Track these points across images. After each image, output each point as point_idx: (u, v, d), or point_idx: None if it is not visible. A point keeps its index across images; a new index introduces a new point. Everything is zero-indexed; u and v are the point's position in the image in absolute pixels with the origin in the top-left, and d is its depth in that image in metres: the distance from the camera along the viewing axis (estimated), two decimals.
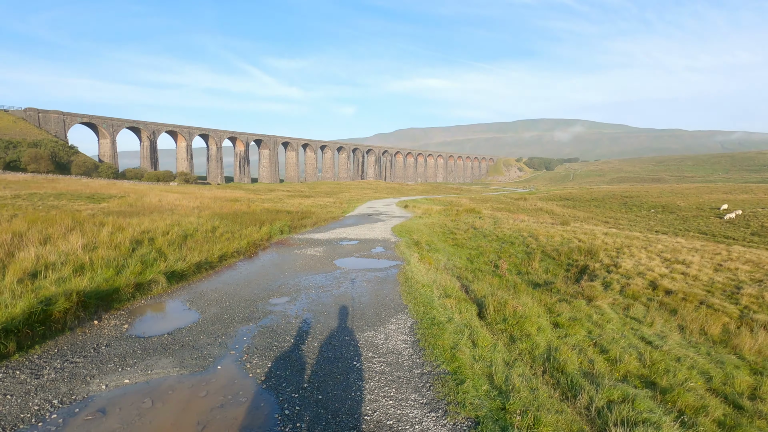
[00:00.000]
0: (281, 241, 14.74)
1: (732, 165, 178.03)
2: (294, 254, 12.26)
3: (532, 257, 15.87)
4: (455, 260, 15.34)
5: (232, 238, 12.93)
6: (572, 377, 5.50)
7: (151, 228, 13.18)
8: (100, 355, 4.91)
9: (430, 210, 31.46)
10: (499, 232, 19.91)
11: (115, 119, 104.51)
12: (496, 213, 31.08)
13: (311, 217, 20.34)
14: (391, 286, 8.81)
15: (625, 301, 10.68)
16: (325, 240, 15.16)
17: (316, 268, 10.33)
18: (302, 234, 16.73)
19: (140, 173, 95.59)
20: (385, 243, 14.79)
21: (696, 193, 65.06)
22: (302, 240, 15.09)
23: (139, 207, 23.24)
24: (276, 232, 15.72)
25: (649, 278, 12.04)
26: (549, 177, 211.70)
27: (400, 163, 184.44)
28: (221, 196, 41.56)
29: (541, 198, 73.59)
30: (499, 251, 17.03)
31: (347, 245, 14.13)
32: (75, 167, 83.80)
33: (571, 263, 15.03)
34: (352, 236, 16.42)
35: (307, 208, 31.36)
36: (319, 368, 4.68)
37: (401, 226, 20.09)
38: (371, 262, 11.50)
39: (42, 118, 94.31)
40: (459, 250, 17.18)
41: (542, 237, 18.54)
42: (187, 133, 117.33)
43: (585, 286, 11.38)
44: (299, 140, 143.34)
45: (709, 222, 40.46)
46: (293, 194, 67.69)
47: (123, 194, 38.84)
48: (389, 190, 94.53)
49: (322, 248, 13.30)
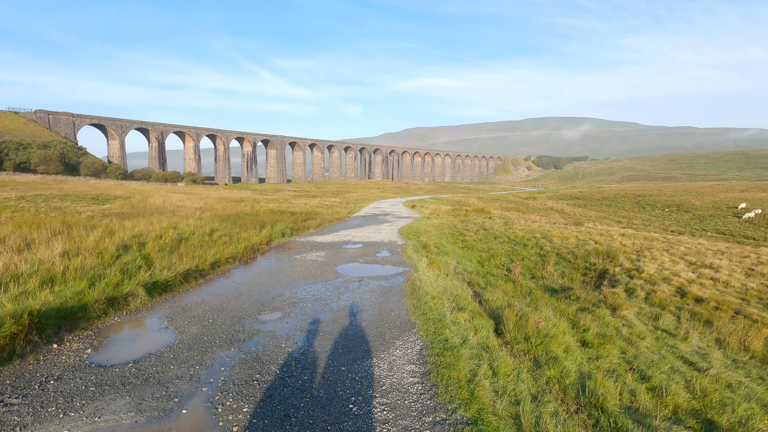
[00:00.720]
0: (282, 244, 13.93)
1: (746, 163, 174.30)
2: (294, 259, 11.40)
3: (546, 260, 14.87)
4: (465, 263, 14.41)
5: (229, 242, 12.12)
6: (614, 417, 4.56)
7: (145, 231, 12.42)
8: (44, 393, 4.06)
9: (438, 210, 30.49)
10: (510, 234, 18.91)
11: (124, 120, 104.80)
12: (506, 213, 30.01)
13: (315, 219, 19.50)
14: (397, 298, 7.90)
15: (652, 310, 9.66)
16: (328, 243, 14.32)
17: (315, 276, 9.44)
18: (305, 236, 15.90)
19: (148, 174, 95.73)
20: (391, 246, 13.92)
21: (711, 191, 63.23)
22: (304, 243, 14.24)
23: (141, 208, 22.59)
24: (277, 235, 14.91)
25: (676, 284, 11.00)
26: (558, 176, 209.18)
27: (408, 162, 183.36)
28: (227, 197, 40.97)
29: (551, 197, 72.17)
30: (511, 254, 16.05)
31: (351, 249, 13.26)
32: (84, 168, 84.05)
33: (588, 267, 14.01)
34: (357, 239, 15.56)
35: (312, 208, 30.58)
36: (306, 414, 3.79)
37: (408, 228, 19.18)
38: (376, 268, 10.60)
39: (52, 120, 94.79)
40: (469, 252, 16.23)
41: (556, 238, 17.51)
42: (194, 133, 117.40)
43: (607, 293, 10.38)
44: (306, 140, 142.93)
45: (727, 221, 38.95)
46: (300, 194, 67.09)
47: (128, 195, 38.41)
48: (396, 190, 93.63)
49: (324, 252, 12.44)
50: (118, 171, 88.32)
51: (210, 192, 53.18)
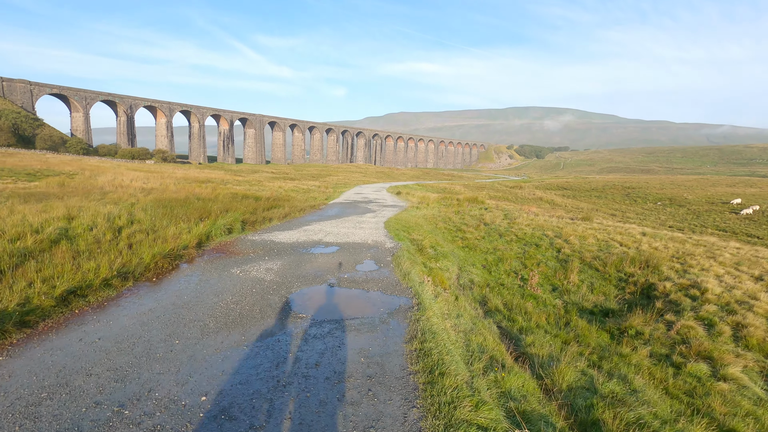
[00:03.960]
0: (223, 246, 10.26)
1: (720, 158, 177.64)
2: (227, 277, 7.69)
3: (567, 267, 12.10)
4: (470, 270, 11.48)
5: (143, 241, 8.74)
6: None
7: (34, 222, 8.98)
8: None
9: (426, 198, 27.50)
10: (516, 230, 16.08)
11: (89, 91, 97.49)
12: (501, 203, 27.26)
13: (283, 206, 16.10)
14: (397, 391, 4.11)
15: (753, 358, 6.81)
16: (290, 245, 10.73)
17: (247, 321, 5.71)
18: (261, 233, 12.23)
19: (114, 150, 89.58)
20: (377, 251, 10.45)
21: (699, 185, 62.31)
22: (257, 244, 10.61)
23: (73, 188, 18.78)
24: (219, 231, 11.28)
25: (763, 313, 8.30)
26: (540, 165, 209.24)
27: (391, 147, 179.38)
28: (192, 177, 36.99)
29: (538, 187, 70.22)
30: (522, 256, 13.23)
31: (320, 256, 9.73)
32: (40, 141, 77.56)
33: (623, 278, 11.28)
34: (331, 237, 12.01)
35: (285, 192, 27.13)
36: None
37: (396, 220, 16.11)
38: (356, 300, 6.89)
39: (6, 88, 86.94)
40: (471, 254, 13.32)
41: (572, 238, 14.77)
42: (167, 108, 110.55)
43: (681, 328, 7.58)
44: (287, 120, 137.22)
45: (726, 217, 37.36)
46: (277, 176, 62.91)
47: (77, 172, 34.06)
48: (379, 175, 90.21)
49: (279, 263, 8.85)
50: (80, 145, 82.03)
51: (177, 171, 48.80)
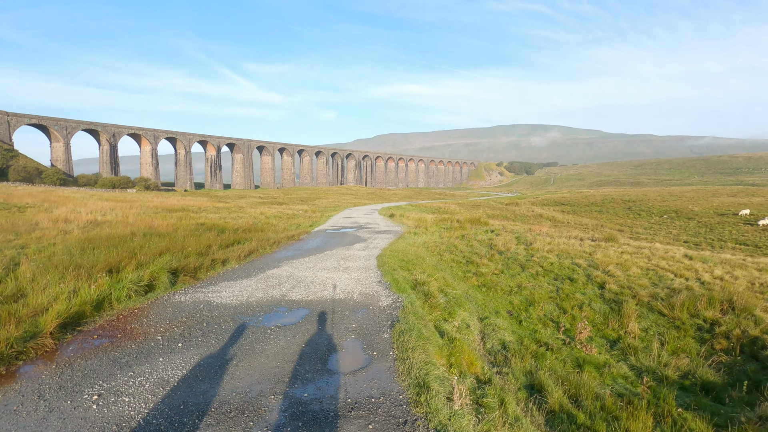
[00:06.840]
0: (124, 317, 6.36)
1: (707, 168, 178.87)
2: (61, 418, 3.77)
3: (620, 311, 9.21)
4: (494, 322, 8.49)
5: None
6: None
7: None
8: None
9: (423, 221, 24.59)
10: (539, 259, 13.18)
11: (69, 120, 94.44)
12: (509, 224, 24.45)
13: (250, 240, 12.98)
14: None
15: None
16: (232, 310, 6.91)
17: None
18: (200, 286, 8.36)
19: (94, 179, 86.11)
20: (367, 316, 6.73)
21: (701, 196, 60.42)
22: (179, 312, 6.74)
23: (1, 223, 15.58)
24: (124, 293, 7.10)
25: None
26: (530, 181, 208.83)
27: (381, 167, 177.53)
28: (167, 206, 33.80)
29: (534, 203, 67.92)
30: (557, 296, 10.32)
31: (273, 336, 5.85)
32: (13, 173, 74.00)
33: (703, 327, 8.40)
34: (300, 292, 8.14)
35: (265, 220, 24.09)
36: None
37: (392, 253, 13.12)
38: None
39: None
40: (491, 296, 10.37)
41: (612, 268, 11.89)
42: (152, 136, 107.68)
43: None
44: (275, 144, 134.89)
45: (742, 230, 34.96)
46: (264, 201, 59.81)
47: (36, 204, 30.74)
48: (370, 196, 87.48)
49: (195, 357, 5.13)
50: (57, 176, 78.49)
51: (154, 200, 45.52)
